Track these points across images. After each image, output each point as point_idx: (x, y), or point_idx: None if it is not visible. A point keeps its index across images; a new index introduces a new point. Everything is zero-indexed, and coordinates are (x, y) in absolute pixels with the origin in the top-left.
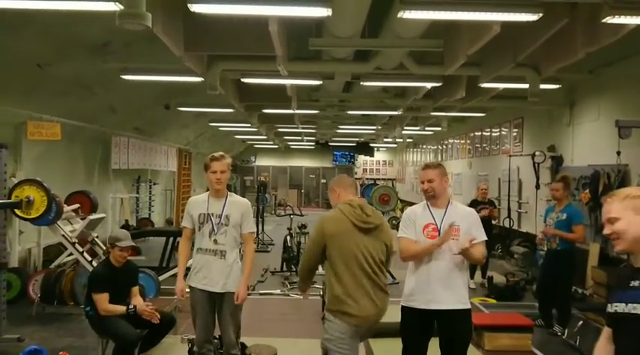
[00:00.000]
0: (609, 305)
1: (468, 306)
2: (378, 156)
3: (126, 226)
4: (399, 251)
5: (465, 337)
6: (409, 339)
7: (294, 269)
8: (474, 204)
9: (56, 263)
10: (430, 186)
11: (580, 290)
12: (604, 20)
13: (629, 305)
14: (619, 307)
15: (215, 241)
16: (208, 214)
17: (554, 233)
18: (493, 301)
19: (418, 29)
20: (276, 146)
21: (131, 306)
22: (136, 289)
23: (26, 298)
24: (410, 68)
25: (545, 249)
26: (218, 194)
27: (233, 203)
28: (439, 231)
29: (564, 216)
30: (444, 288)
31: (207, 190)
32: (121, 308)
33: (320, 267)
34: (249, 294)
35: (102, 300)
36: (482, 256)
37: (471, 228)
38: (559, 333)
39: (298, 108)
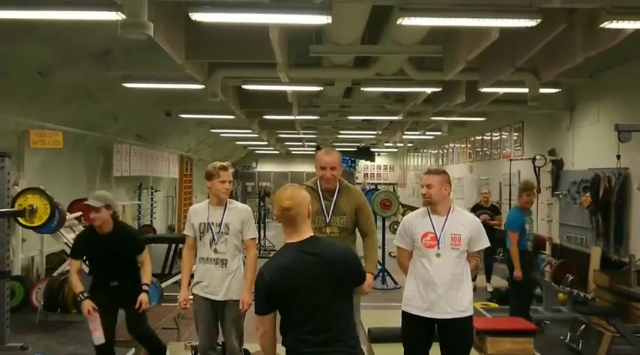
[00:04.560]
0: None
1: (469, 314)
2: (379, 160)
3: None
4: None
5: (465, 345)
6: (410, 345)
7: None
8: (475, 208)
9: (59, 271)
10: (428, 191)
11: (582, 294)
12: (602, 25)
13: None
14: None
15: (215, 250)
16: (208, 223)
17: None
18: (495, 305)
19: (418, 35)
20: (277, 152)
21: (84, 294)
22: (142, 258)
23: (29, 306)
24: (410, 74)
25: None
26: (218, 202)
27: (232, 210)
28: (438, 239)
29: (532, 216)
30: (443, 295)
31: (208, 197)
32: (78, 287)
33: None
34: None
35: (72, 266)
36: (476, 267)
37: (472, 236)
38: None
39: (299, 114)
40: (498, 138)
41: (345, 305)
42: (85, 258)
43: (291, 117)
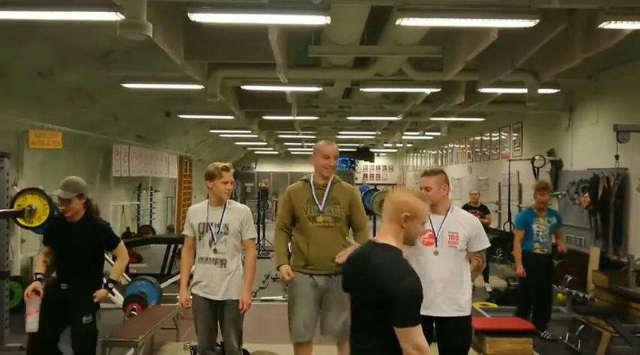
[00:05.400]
0: None
1: (467, 313)
2: (379, 161)
3: (127, 234)
4: None
5: (463, 345)
6: None
7: None
8: (465, 209)
9: None
10: (427, 194)
11: (581, 294)
12: (601, 26)
13: None
14: None
15: (215, 250)
16: (207, 223)
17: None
18: (494, 305)
19: (417, 36)
20: (276, 152)
21: (37, 275)
22: (117, 251)
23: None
24: (409, 74)
25: (540, 252)
26: (218, 202)
27: (231, 211)
28: (436, 237)
29: (555, 220)
30: (441, 294)
31: (208, 197)
32: (38, 267)
33: None
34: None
35: (41, 252)
36: (478, 268)
37: (470, 235)
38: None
39: (298, 114)
40: (497, 138)
41: (372, 320)
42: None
43: (291, 118)
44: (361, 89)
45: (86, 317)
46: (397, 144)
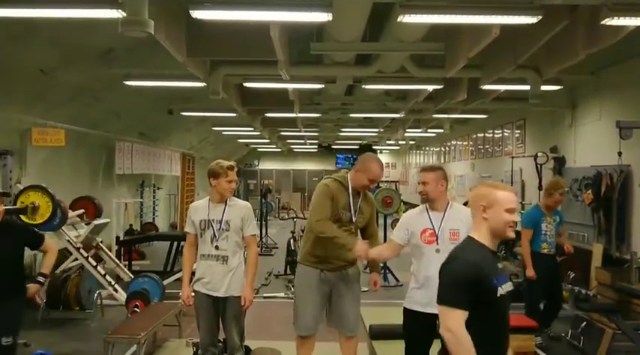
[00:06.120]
0: (500, 288)
1: None
2: (381, 158)
3: (130, 231)
4: None
5: None
6: (411, 341)
7: None
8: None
9: (61, 268)
10: (424, 189)
11: (584, 291)
12: (603, 22)
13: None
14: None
15: (217, 247)
16: (209, 220)
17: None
18: None
19: (419, 32)
20: (279, 149)
21: None
22: (45, 247)
23: (32, 303)
24: (411, 71)
25: (548, 252)
26: (219, 199)
27: (233, 207)
28: (437, 235)
29: (558, 219)
30: None
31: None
32: None
33: None
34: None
35: None
36: None
37: (470, 230)
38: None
39: (300, 111)
40: (500, 135)
41: None
42: None
43: (293, 115)
44: (363, 86)
45: (6, 337)
46: (400, 142)
